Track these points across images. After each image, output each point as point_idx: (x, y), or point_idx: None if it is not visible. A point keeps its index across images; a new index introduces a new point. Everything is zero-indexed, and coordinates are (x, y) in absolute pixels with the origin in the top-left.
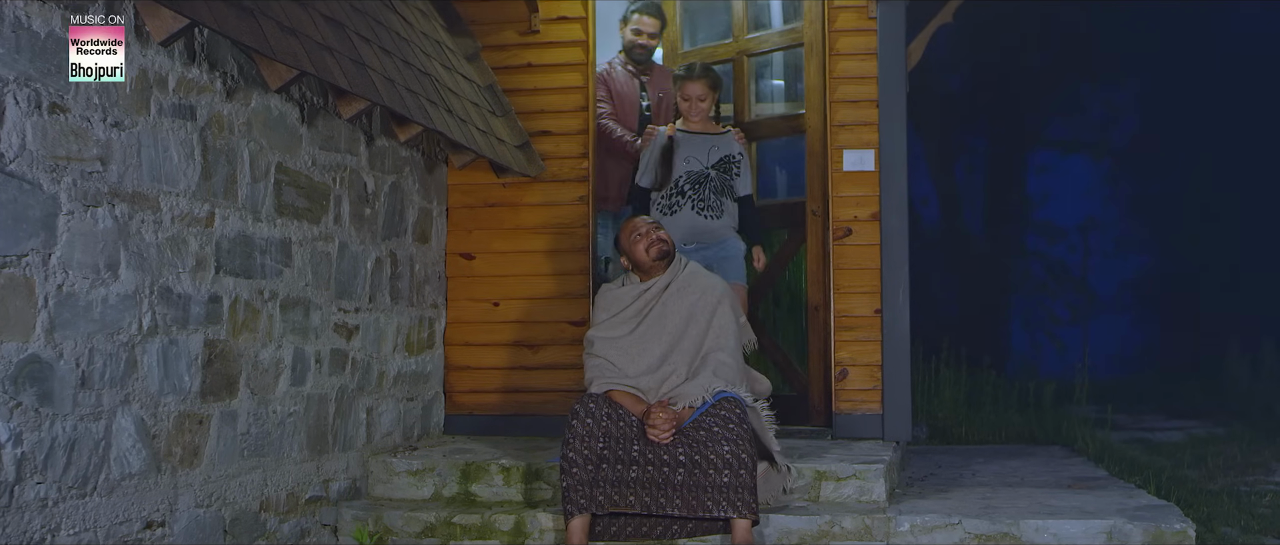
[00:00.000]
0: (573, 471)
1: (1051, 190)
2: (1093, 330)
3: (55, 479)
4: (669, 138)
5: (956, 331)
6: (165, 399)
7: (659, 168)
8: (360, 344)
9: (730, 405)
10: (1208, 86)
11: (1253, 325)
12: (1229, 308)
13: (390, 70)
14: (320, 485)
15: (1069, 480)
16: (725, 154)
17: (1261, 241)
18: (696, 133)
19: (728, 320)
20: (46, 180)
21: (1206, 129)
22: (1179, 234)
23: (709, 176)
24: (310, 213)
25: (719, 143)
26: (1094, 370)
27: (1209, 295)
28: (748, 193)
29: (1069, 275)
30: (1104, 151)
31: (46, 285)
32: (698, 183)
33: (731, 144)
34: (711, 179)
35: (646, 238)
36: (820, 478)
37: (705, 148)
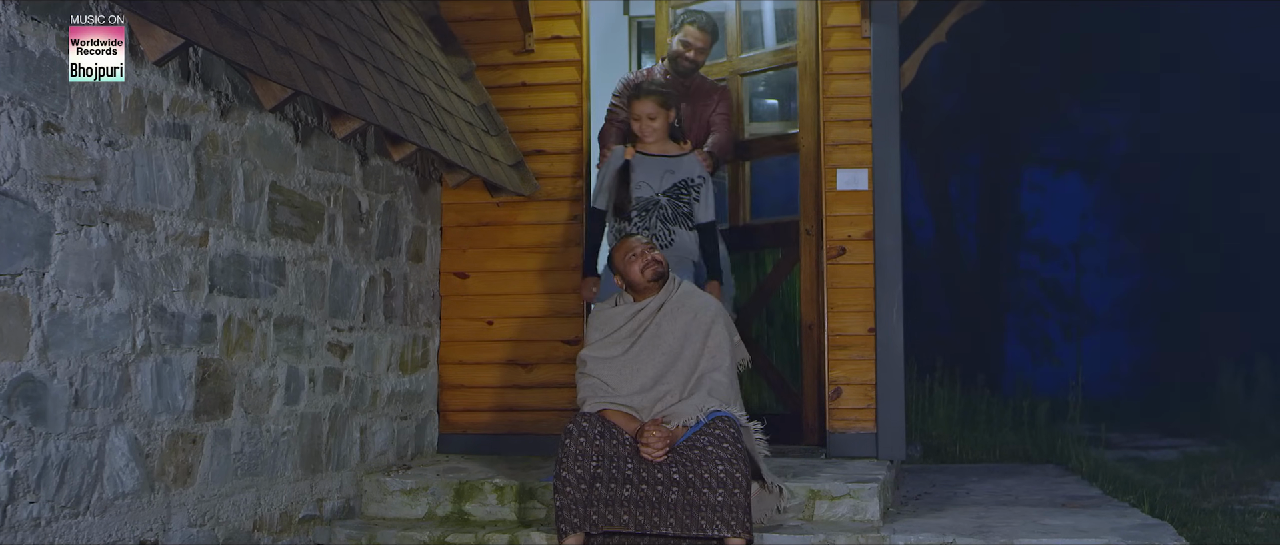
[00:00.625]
0: (566, 491)
1: (1045, 209)
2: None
3: (48, 498)
4: (625, 161)
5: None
6: (158, 418)
7: (615, 190)
8: (354, 363)
9: (724, 424)
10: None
11: (1246, 343)
12: (1223, 326)
13: (385, 89)
14: (314, 504)
15: (1063, 499)
16: (682, 178)
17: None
18: (652, 155)
19: (722, 340)
20: (41, 199)
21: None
22: (1172, 252)
23: (658, 203)
24: (304, 232)
25: (676, 166)
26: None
27: (1202, 313)
28: (709, 219)
29: (1063, 293)
30: (1096, 170)
31: (40, 304)
32: (645, 209)
33: (691, 166)
34: (661, 206)
35: (641, 258)
36: (814, 497)
37: (659, 172)
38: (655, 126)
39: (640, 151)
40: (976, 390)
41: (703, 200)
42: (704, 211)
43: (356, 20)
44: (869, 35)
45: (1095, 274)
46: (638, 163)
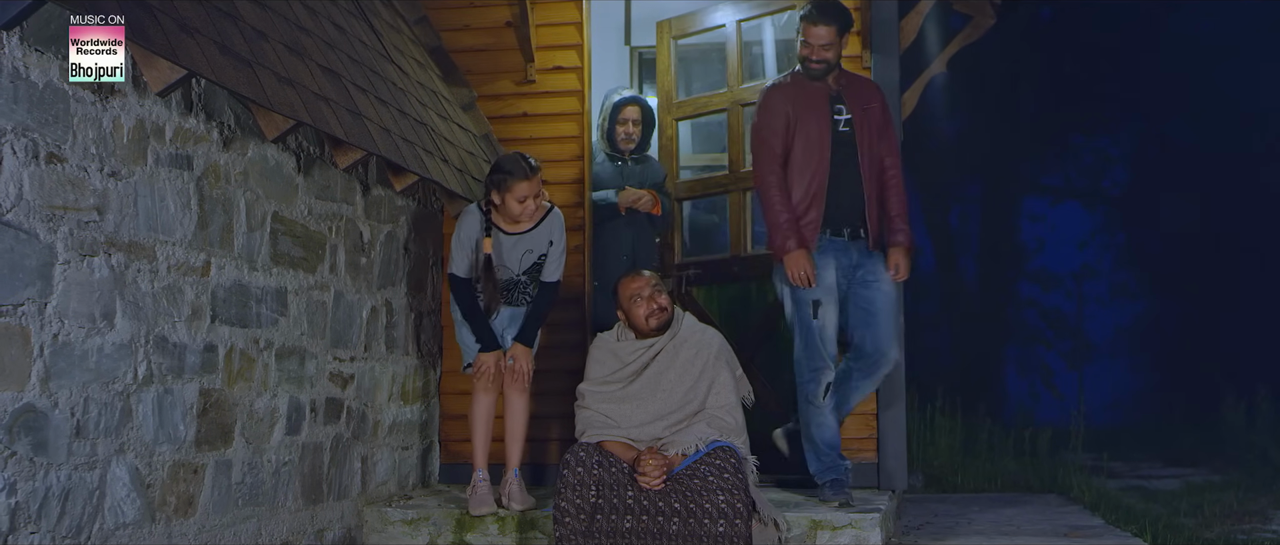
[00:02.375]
0: (565, 521)
1: (1046, 238)
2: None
3: (49, 529)
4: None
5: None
6: (160, 448)
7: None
8: (355, 393)
9: (725, 455)
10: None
11: (1248, 372)
12: (1224, 355)
13: (387, 120)
14: (314, 535)
15: (1065, 529)
16: (539, 255)
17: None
18: (511, 233)
19: (726, 378)
20: (43, 230)
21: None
22: (1173, 281)
23: (518, 282)
24: (306, 262)
25: (533, 241)
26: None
27: (1204, 342)
28: (553, 280)
29: (1064, 323)
30: (1097, 199)
31: (42, 334)
32: (509, 288)
33: (546, 234)
34: (522, 284)
35: (647, 304)
36: (816, 527)
37: (518, 253)
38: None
39: (501, 230)
40: (978, 419)
41: (552, 261)
42: (551, 272)
43: (359, 51)
44: (870, 65)
45: (1096, 303)
46: (498, 245)
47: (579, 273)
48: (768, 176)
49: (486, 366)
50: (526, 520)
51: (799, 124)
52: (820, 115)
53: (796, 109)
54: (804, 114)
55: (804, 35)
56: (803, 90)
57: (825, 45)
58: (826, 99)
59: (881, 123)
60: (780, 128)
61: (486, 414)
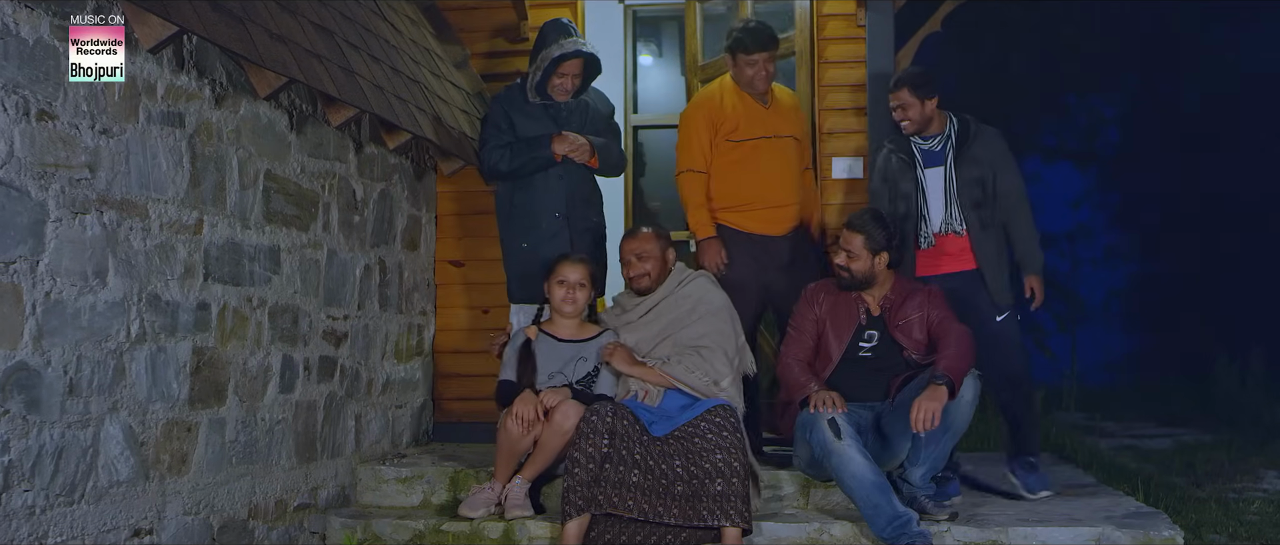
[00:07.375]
0: (575, 471)
1: (1039, 198)
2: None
3: (43, 487)
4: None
5: None
6: (153, 406)
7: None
8: (349, 351)
9: (724, 413)
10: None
11: (1241, 332)
12: (1217, 315)
13: (379, 78)
14: (308, 493)
15: (1058, 487)
16: (593, 366)
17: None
18: (562, 339)
19: (724, 326)
20: (34, 187)
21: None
22: (1167, 242)
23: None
24: (299, 220)
25: (588, 350)
26: (1083, 377)
27: (1197, 303)
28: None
29: (1057, 283)
30: (1090, 159)
31: (34, 292)
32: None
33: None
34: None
35: (629, 268)
36: (809, 485)
37: (570, 359)
38: (580, 299)
39: (546, 333)
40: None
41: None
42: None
43: (351, 8)
44: (864, 23)
45: (1090, 264)
46: (542, 348)
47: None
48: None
49: (525, 413)
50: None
51: (827, 325)
52: (841, 336)
53: (823, 311)
54: (830, 317)
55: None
56: (836, 300)
57: (852, 254)
58: (855, 324)
59: (938, 320)
60: (810, 327)
61: (511, 443)
